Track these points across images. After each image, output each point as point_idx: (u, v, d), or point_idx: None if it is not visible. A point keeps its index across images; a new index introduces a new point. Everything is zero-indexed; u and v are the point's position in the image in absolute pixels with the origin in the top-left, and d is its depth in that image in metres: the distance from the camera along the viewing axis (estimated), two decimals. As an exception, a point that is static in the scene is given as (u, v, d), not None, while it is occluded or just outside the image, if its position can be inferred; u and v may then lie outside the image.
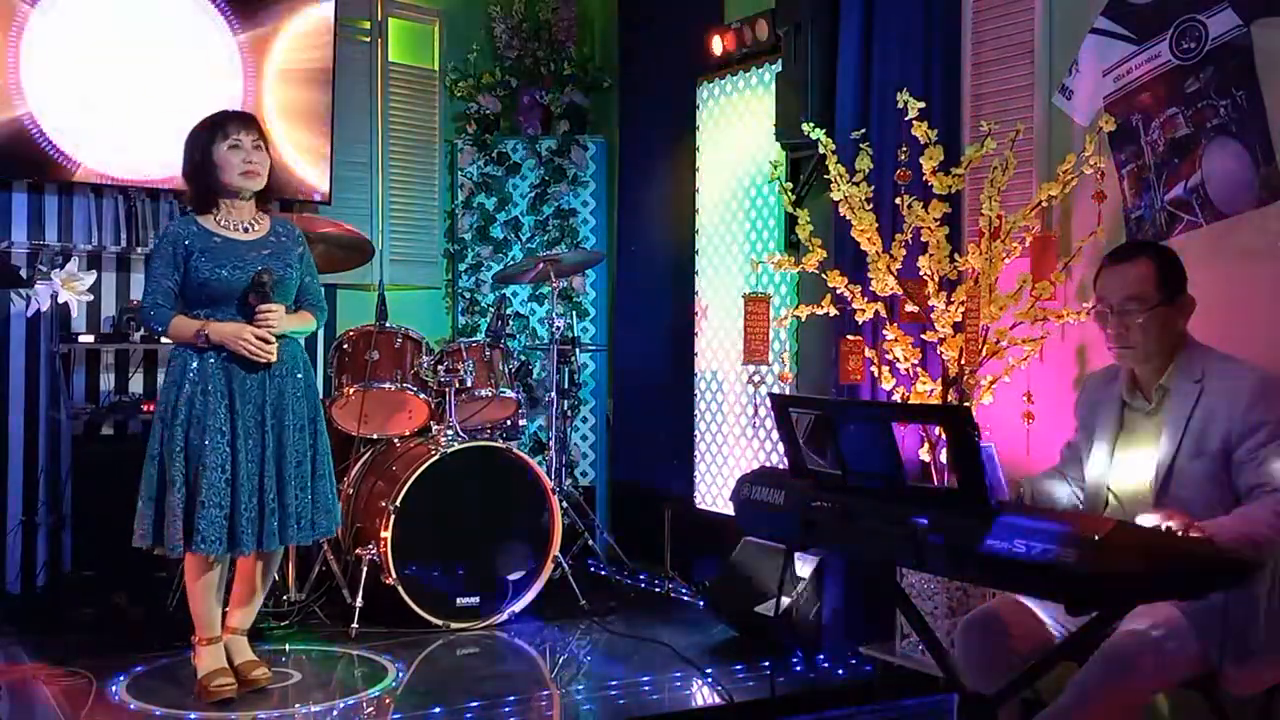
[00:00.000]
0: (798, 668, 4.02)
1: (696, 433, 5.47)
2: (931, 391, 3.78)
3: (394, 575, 4.36)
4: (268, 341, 3.61)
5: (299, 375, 3.74)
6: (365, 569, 4.38)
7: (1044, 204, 3.59)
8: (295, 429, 3.69)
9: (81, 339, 5.05)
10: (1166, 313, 2.77)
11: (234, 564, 3.79)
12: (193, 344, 3.60)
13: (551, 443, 5.24)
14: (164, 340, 4.42)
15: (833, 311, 3.93)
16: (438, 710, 3.57)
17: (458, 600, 4.50)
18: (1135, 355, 2.81)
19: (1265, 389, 2.64)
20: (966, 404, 3.63)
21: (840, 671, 3.97)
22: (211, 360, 3.59)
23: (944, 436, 3.12)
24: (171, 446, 3.55)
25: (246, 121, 3.72)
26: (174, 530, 3.52)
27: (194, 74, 5.24)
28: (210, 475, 3.52)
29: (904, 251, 3.78)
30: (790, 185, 4.07)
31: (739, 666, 4.01)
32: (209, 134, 3.67)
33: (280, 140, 5.33)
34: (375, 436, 4.96)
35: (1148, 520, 2.47)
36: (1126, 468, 2.85)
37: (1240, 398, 2.64)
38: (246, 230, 3.70)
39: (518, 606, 4.59)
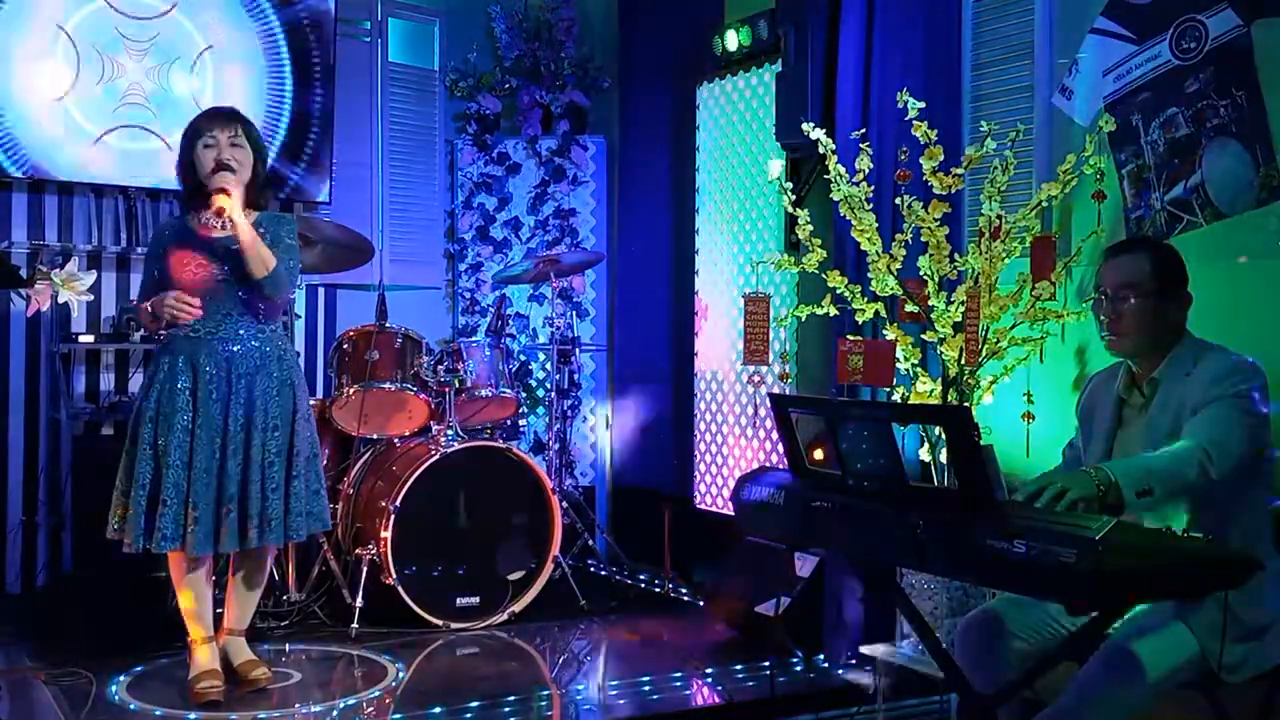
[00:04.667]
0: (798, 668, 4.02)
1: (696, 433, 5.47)
2: (931, 391, 3.78)
3: (394, 575, 4.36)
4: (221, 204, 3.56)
5: (273, 374, 3.67)
6: (365, 569, 4.38)
7: (1044, 204, 3.59)
8: (266, 430, 3.63)
9: (81, 339, 5.04)
10: (1160, 303, 2.75)
11: (229, 564, 3.79)
12: (171, 330, 3.61)
13: (551, 443, 5.24)
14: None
15: (833, 311, 3.93)
16: (438, 710, 3.57)
17: (458, 600, 4.50)
18: (1125, 343, 2.78)
19: (1232, 369, 2.64)
20: (966, 404, 3.63)
21: (840, 671, 3.97)
22: (181, 359, 3.60)
23: (944, 436, 3.12)
24: (140, 444, 3.57)
25: (224, 118, 3.69)
26: (136, 527, 3.53)
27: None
28: (172, 474, 3.53)
29: (904, 251, 3.78)
30: (790, 185, 4.07)
31: (739, 666, 4.01)
32: (191, 132, 3.68)
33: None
34: (375, 436, 4.95)
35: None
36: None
37: (1207, 377, 2.64)
38: (225, 227, 3.65)
39: (518, 606, 4.59)
